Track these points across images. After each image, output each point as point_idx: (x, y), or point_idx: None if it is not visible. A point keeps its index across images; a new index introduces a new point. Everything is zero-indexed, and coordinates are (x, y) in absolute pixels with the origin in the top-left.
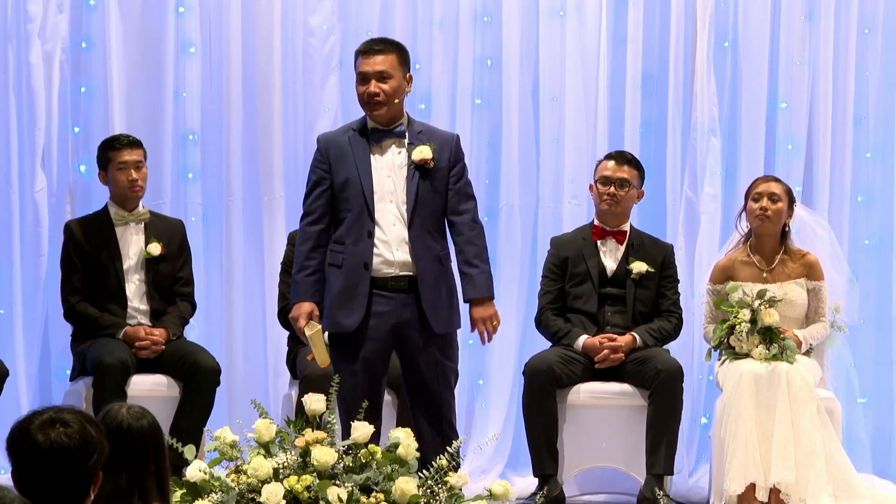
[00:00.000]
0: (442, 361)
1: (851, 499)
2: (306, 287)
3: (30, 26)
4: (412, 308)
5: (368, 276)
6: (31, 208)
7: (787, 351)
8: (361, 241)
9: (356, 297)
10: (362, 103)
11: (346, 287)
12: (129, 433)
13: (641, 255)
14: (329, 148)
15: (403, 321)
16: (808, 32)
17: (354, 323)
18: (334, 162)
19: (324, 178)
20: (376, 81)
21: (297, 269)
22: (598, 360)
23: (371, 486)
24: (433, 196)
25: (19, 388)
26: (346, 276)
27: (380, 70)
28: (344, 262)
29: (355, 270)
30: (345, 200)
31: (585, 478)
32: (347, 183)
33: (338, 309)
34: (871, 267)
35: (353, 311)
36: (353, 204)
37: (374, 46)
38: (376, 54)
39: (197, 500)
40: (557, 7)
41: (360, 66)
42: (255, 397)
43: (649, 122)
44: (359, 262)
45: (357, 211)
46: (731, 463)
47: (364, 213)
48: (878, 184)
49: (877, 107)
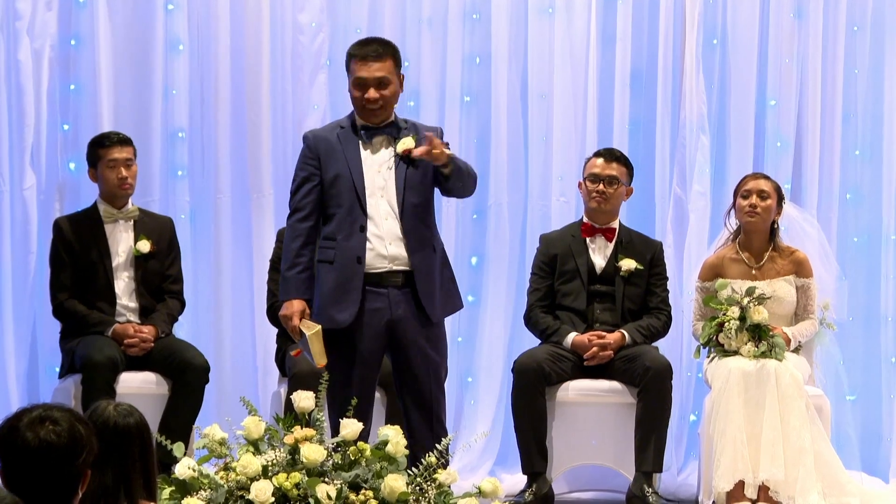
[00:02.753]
0: (434, 359)
1: (840, 496)
2: (297, 284)
3: (18, 24)
4: (405, 304)
5: (362, 270)
6: (20, 206)
7: (776, 348)
8: (354, 236)
9: (350, 293)
10: (358, 107)
11: (339, 283)
12: (116, 431)
13: (630, 252)
14: (318, 144)
15: (397, 317)
16: (797, 30)
17: (349, 318)
18: (324, 158)
19: (313, 175)
20: (375, 88)
21: (288, 265)
22: (587, 357)
23: (360, 484)
24: (420, 185)
25: (8, 385)
26: (339, 272)
27: (378, 77)
28: (336, 257)
29: (348, 265)
30: (335, 196)
31: (574, 475)
32: (338, 178)
33: (331, 305)
34: (859, 264)
35: (347, 306)
36: (343, 199)
37: (370, 52)
38: (374, 60)
39: (186, 497)
40: (546, 4)
41: (358, 70)
42: (243, 395)
43: (638, 120)
44: (352, 257)
45: (348, 206)
46: (720, 460)
47: (356, 208)
48: (867, 181)
49: (865, 104)
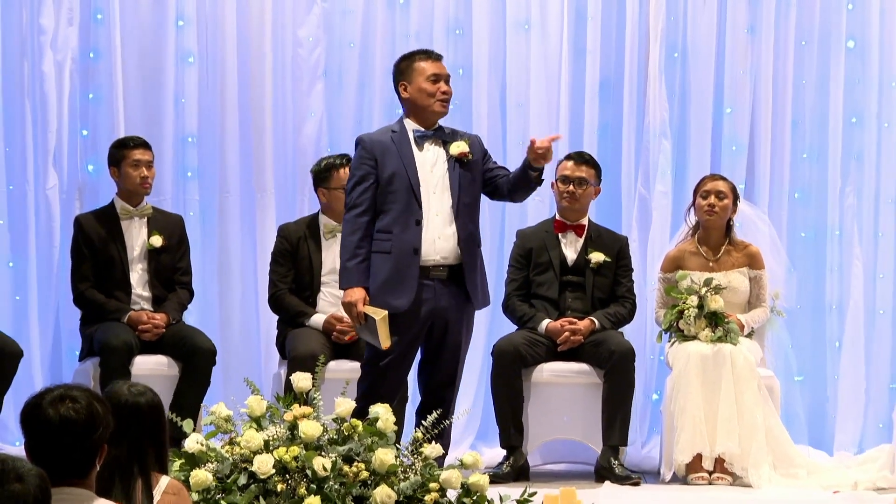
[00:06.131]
0: (467, 340)
1: (789, 467)
2: (359, 274)
3: (42, 38)
4: (447, 297)
5: (418, 260)
6: (44, 204)
7: (731, 334)
8: (409, 229)
9: (406, 280)
10: (429, 101)
11: (396, 271)
12: (130, 409)
13: (599, 246)
14: (374, 146)
15: (439, 309)
16: (751, 44)
17: (406, 304)
18: (380, 158)
19: (369, 174)
20: (445, 83)
21: (348, 257)
22: (560, 342)
23: (353, 457)
24: (471, 185)
25: (33, 367)
26: (395, 261)
27: (448, 74)
28: (392, 248)
29: (405, 256)
30: (392, 193)
31: (548, 449)
32: (394, 176)
33: (388, 291)
34: (806, 257)
35: (403, 293)
36: (399, 196)
37: (438, 55)
38: (441, 59)
39: (194, 469)
40: (523, 21)
41: (432, 68)
42: (247, 376)
43: (606, 126)
44: (408, 248)
45: (405, 202)
46: (680, 435)
47: (413, 203)
48: (814, 182)
49: (812, 112)
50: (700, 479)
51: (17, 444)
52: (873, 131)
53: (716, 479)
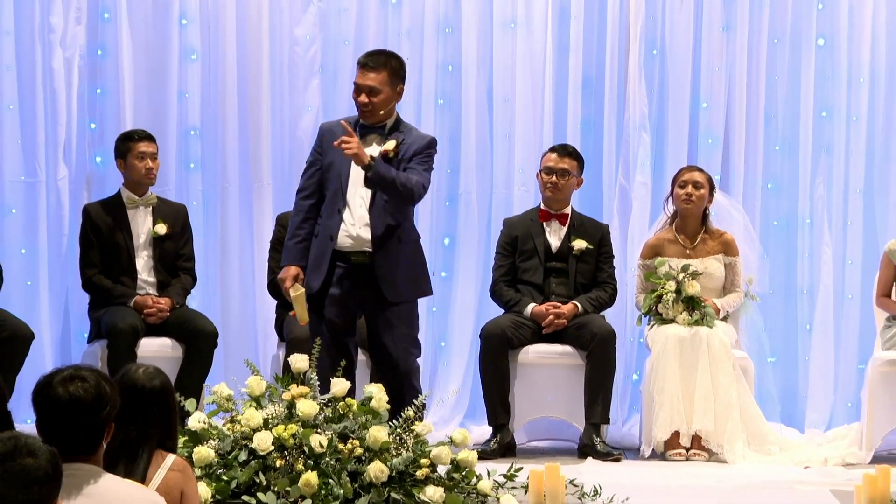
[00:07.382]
0: (402, 330)
1: (762, 444)
2: (294, 252)
3: (52, 36)
4: (364, 287)
5: (332, 246)
6: (54, 194)
7: (707, 317)
8: (333, 217)
9: (322, 264)
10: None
11: (317, 254)
12: (140, 391)
13: (581, 234)
14: (325, 135)
15: (364, 292)
16: (726, 42)
17: (317, 285)
18: (326, 146)
19: (317, 160)
20: (366, 94)
21: (289, 236)
22: (545, 325)
23: (348, 434)
24: None
25: (44, 349)
26: (318, 245)
27: (369, 86)
28: (319, 233)
29: (324, 241)
30: (328, 180)
31: (533, 427)
32: (332, 165)
33: (310, 273)
34: (779, 244)
35: (319, 275)
36: (332, 184)
37: (370, 62)
38: (370, 70)
39: (197, 446)
40: (509, 20)
41: (356, 77)
42: (247, 358)
43: (588, 120)
44: (327, 234)
45: (333, 190)
46: (659, 414)
47: (339, 193)
48: (786, 173)
49: (784, 106)
50: (678, 455)
51: (28, 421)
52: (842, 125)
53: (693, 455)
